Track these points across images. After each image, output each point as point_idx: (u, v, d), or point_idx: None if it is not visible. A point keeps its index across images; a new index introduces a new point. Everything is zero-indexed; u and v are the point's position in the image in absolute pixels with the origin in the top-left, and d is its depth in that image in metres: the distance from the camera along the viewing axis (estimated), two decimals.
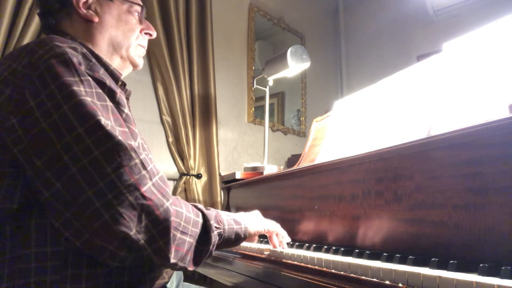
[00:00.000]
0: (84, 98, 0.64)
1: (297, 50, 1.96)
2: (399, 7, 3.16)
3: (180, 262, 0.69)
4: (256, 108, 2.84)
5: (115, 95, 0.71)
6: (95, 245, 0.63)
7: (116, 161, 0.63)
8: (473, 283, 0.47)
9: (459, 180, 0.66)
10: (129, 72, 0.95)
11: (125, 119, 0.71)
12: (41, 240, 0.64)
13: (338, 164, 0.97)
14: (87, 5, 0.84)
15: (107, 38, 0.85)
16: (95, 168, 0.62)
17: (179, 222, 0.68)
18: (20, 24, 1.67)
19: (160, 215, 0.65)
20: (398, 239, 0.77)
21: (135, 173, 0.64)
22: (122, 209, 0.62)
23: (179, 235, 0.68)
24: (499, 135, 0.61)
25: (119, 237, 0.62)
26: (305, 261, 0.78)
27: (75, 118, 0.62)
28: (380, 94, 1.10)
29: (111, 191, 0.62)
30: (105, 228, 0.61)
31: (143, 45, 0.93)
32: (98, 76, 0.70)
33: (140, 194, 0.64)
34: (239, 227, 0.84)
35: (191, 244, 0.71)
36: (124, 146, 0.64)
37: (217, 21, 2.54)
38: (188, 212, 0.72)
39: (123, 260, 0.65)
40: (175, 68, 2.26)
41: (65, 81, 0.64)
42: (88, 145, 0.62)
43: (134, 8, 0.90)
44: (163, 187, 0.69)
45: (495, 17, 0.82)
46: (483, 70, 0.80)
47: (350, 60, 3.62)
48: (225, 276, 1.15)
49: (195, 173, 2.31)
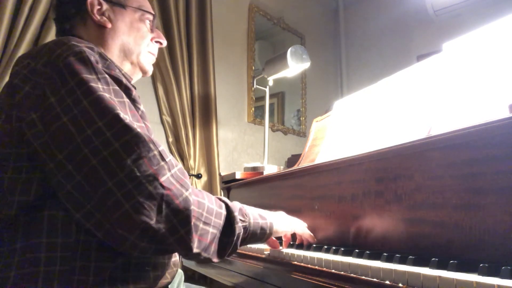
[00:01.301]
0: (103, 93, 0.66)
1: (297, 50, 1.96)
2: (399, 7, 3.17)
3: (203, 252, 0.69)
4: (256, 108, 2.84)
5: (131, 92, 0.74)
6: (117, 236, 0.64)
7: (135, 153, 0.65)
8: (473, 283, 0.47)
9: (459, 180, 0.66)
10: (138, 78, 0.97)
11: (141, 115, 0.74)
12: (52, 231, 0.66)
13: (338, 164, 0.97)
14: (101, 12, 0.87)
15: (119, 44, 0.89)
16: (115, 160, 0.64)
17: (201, 213, 0.69)
18: (20, 24, 1.67)
19: (180, 204, 0.66)
20: (398, 239, 0.77)
21: (154, 164, 0.66)
22: (142, 199, 0.63)
23: (201, 225, 0.68)
24: (499, 135, 0.61)
25: (140, 227, 0.63)
26: (305, 261, 0.78)
27: (94, 112, 0.65)
28: (380, 94, 1.10)
29: (131, 182, 0.63)
30: (126, 218, 0.63)
31: (153, 53, 0.97)
32: (114, 74, 0.72)
33: (159, 184, 0.65)
34: (265, 222, 0.83)
35: (214, 235, 0.71)
36: (143, 138, 0.66)
37: (217, 21, 2.54)
38: (210, 204, 0.72)
39: (145, 250, 0.66)
40: (175, 68, 2.26)
41: (83, 77, 0.66)
42: (108, 137, 0.64)
43: (146, 17, 0.93)
44: (182, 178, 0.70)
45: (495, 17, 0.82)
46: (483, 70, 0.80)
47: (350, 60, 3.62)
48: (225, 276, 1.15)
49: (195, 173, 2.31)
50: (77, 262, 0.66)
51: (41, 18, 1.72)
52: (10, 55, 1.63)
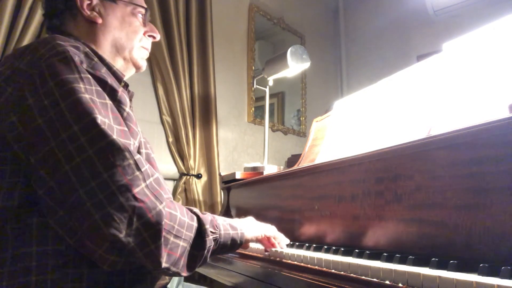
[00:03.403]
0: (83, 95, 0.64)
1: (297, 50, 1.96)
2: (399, 7, 3.16)
3: (172, 267, 0.67)
4: (256, 108, 2.84)
5: (117, 93, 0.71)
6: (86, 247, 0.63)
7: (109, 161, 0.62)
8: (473, 283, 0.47)
9: (459, 180, 0.66)
10: (131, 74, 0.95)
11: (126, 117, 0.71)
12: (42, 239, 0.65)
13: (338, 164, 0.97)
14: (91, 7, 0.84)
15: (110, 40, 0.86)
16: (87, 167, 0.62)
17: (172, 226, 0.67)
18: (20, 24, 1.67)
19: (152, 218, 0.64)
20: (398, 239, 0.77)
21: (128, 173, 0.63)
22: (112, 210, 0.61)
23: (172, 238, 0.66)
24: (499, 135, 0.61)
25: (109, 239, 0.61)
26: (305, 261, 0.78)
27: (71, 115, 0.63)
28: (380, 94, 1.10)
29: (103, 191, 0.61)
30: (94, 229, 0.61)
31: (147, 48, 0.94)
32: (99, 75, 0.70)
33: (132, 196, 0.62)
34: (235, 233, 0.82)
35: (184, 248, 0.69)
36: (118, 146, 0.63)
37: (217, 21, 2.54)
38: (182, 216, 0.70)
39: (114, 264, 0.64)
40: (175, 68, 2.25)
41: (63, 78, 0.64)
42: (82, 143, 0.62)
43: (137, 10, 0.90)
44: (157, 189, 0.68)
45: (495, 17, 0.82)
46: (483, 70, 0.80)
47: (350, 60, 3.62)
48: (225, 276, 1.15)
49: (195, 173, 2.31)
50: (70, 269, 0.65)
51: (41, 18, 1.72)
52: None
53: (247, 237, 0.86)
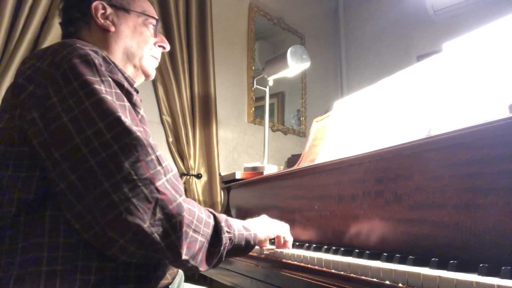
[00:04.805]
0: (105, 96, 0.67)
1: (297, 50, 1.96)
2: (399, 7, 3.16)
3: (191, 260, 0.70)
4: (256, 108, 2.84)
5: (132, 96, 0.75)
6: (106, 238, 0.65)
7: (134, 156, 0.66)
8: (473, 283, 0.47)
9: (459, 180, 0.66)
10: (141, 82, 0.99)
11: (141, 120, 0.75)
12: (54, 231, 0.67)
13: (338, 164, 0.97)
14: (105, 16, 0.89)
15: (122, 47, 0.90)
16: (113, 162, 0.65)
17: (191, 220, 0.70)
18: (20, 24, 1.67)
19: (173, 210, 0.67)
20: (398, 239, 0.77)
21: (151, 168, 0.67)
22: (137, 201, 0.64)
23: (191, 232, 0.69)
24: (499, 135, 0.61)
25: (132, 229, 0.63)
26: (305, 261, 0.78)
27: (96, 113, 0.66)
28: (380, 94, 1.10)
29: (128, 184, 0.64)
30: (118, 220, 0.63)
31: (156, 57, 0.99)
32: (116, 78, 0.73)
33: (155, 188, 0.66)
34: (249, 233, 0.84)
35: (202, 243, 0.72)
36: (142, 142, 0.67)
37: (217, 21, 2.54)
38: (200, 212, 0.73)
39: (132, 255, 0.67)
40: (175, 68, 2.26)
41: (87, 79, 0.67)
42: (108, 139, 0.65)
43: (149, 21, 0.95)
44: (176, 184, 0.71)
45: (495, 17, 0.82)
46: (483, 70, 0.80)
47: (350, 60, 3.62)
48: (225, 276, 1.15)
49: (195, 173, 2.31)
50: (79, 261, 0.67)
51: (41, 18, 1.72)
52: (10, 55, 1.63)
53: (260, 238, 0.89)
